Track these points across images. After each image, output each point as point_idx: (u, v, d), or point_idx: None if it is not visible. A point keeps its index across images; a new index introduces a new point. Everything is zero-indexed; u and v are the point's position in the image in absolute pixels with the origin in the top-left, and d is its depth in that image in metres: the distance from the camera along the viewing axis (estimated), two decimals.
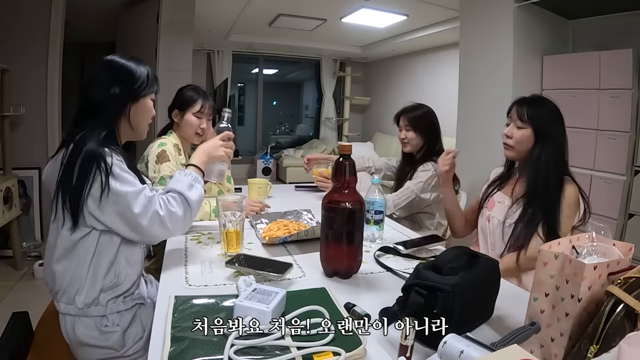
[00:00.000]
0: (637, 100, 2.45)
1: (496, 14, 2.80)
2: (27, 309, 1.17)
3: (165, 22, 3.70)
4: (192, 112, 1.81)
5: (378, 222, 1.41)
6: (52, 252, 1.12)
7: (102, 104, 1.11)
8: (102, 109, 1.11)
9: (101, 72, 1.14)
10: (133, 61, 1.17)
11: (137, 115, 1.18)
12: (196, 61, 4.55)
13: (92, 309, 1.10)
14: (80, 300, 1.09)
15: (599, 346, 0.63)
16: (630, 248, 0.77)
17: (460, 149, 1.83)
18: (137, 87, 1.15)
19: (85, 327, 1.10)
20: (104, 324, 1.11)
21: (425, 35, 4.95)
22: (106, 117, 1.11)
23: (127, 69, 1.15)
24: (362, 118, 7.67)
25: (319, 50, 6.74)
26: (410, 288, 0.80)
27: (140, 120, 1.20)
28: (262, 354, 0.70)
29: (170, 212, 1.12)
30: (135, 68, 1.16)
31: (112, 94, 1.11)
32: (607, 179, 2.55)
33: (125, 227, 1.09)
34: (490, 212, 1.51)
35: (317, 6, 4.33)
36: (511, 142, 1.44)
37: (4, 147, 3.07)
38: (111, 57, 1.16)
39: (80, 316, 1.11)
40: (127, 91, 1.14)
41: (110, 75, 1.13)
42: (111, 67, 1.15)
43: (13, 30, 3.11)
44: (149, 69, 1.20)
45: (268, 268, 1.06)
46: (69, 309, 1.11)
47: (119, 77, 1.13)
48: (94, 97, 1.11)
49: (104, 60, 1.16)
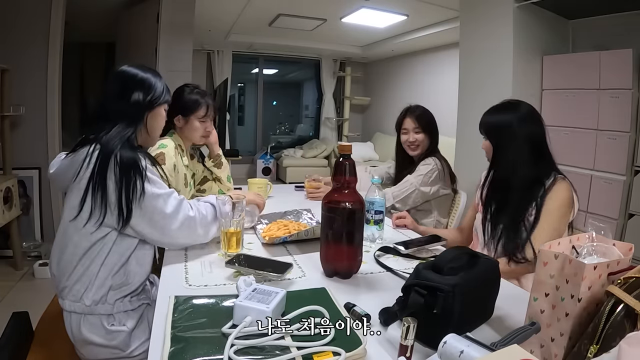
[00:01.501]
0: (637, 100, 2.45)
1: (496, 14, 2.80)
2: (27, 309, 1.18)
3: (165, 22, 3.70)
4: (197, 117, 1.78)
5: (378, 222, 1.41)
6: (65, 249, 1.12)
7: (125, 109, 1.19)
8: (125, 114, 1.19)
9: (124, 81, 1.23)
10: (151, 73, 1.27)
11: (153, 122, 1.27)
12: (196, 61, 4.55)
13: (100, 307, 1.11)
14: (89, 298, 1.10)
15: (599, 346, 0.63)
16: (630, 248, 0.77)
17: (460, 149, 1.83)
18: (155, 97, 1.24)
19: (90, 326, 1.11)
20: (110, 322, 1.12)
21: (425, 35, 4.95)
22: (128, 121, 1.18)
23: (147, 80, 1.24)
24: (362, 118, 7.67)
25: (319, 50, 6.74)
26: (410, 288, 0.80)
27: (155, 127, 1.29)
28: (262, 354, 0.70)
29: (200, 214, 1.21)
30: (154, 79, 1.26)
31: (134, 101, 1.20)
32: (607, 179, 2.55)
33: (153, 229, 1.14)
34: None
35: (317, 6, 4.34)
36: (487, 155, 1.44)
37: (4, 147, 3.07)
38: (134, 69, 1.24)
39: (87, 314, 1.11)
40: (147, 100, 1.23)
41: (133, 84, 1.22)
42: (133, 77, 1.23)
43: (13, 30, 3.11)
44: (164, 82, 1.30)
45: (268, 268, 1.06)
46: (74, 307, 1.11)
47: (140, 86, 1.22)
48: (116, 103, 1.20)
49: (125, 71, 1.24)
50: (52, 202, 3.37)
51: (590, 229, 0.79)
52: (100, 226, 1.10)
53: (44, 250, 3.24)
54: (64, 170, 1.13)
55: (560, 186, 1.32)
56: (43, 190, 3.33)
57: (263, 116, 7.35)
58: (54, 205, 3.36)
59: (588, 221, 0.82)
